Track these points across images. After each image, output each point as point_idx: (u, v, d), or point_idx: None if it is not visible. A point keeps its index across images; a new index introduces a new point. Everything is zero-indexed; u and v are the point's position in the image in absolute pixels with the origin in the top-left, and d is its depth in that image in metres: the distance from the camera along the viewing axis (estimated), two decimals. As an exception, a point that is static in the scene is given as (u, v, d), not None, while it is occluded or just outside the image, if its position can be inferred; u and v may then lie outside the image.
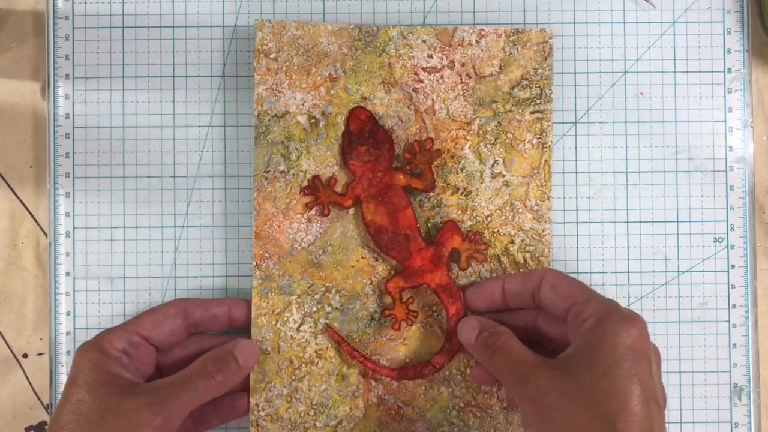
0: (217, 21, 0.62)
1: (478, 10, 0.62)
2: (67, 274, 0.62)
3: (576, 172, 0.62)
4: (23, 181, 0.63)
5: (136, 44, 0.62)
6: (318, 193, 0.59)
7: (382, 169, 0.58)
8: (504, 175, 0.60)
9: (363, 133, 0.59)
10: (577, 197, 0.62)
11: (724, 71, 0.62)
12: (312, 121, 0.59)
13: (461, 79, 0.60)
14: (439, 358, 0.59)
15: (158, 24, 0.62)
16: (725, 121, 0.62)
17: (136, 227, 0.62)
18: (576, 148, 0.62)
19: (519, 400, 0.51)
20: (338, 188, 0.59)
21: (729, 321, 0.62)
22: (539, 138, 0.59)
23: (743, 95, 0.62)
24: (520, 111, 0.59)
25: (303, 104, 0.59)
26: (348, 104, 0.59)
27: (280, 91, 0.59)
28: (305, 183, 0.59)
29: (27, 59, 0.63)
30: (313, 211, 0.59)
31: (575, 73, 0.62)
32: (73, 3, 0.62)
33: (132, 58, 0.62)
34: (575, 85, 0.62)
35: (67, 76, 0.62)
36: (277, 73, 0.59)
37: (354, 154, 0.58)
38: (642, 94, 0.62)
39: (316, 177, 0.59)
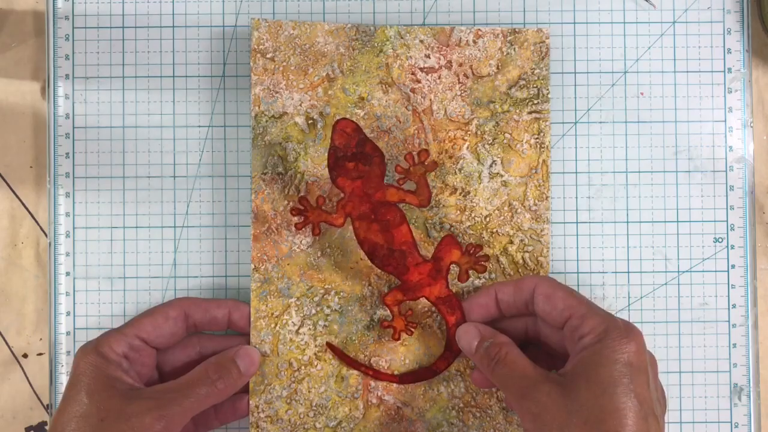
0: (217, 21, 0.62)
1: (478, 10, 0.62)
2: (67, 274, 0.62)
3: (576, 172, 0.62)
4: (23, 181, 0.63)
5: (136, 44, 0.62)
6: (306, 214, 0.57)
7: (373, 186, 0.56)
8: (502, 176, 0.60)
9: (350, 147, 0.56)
10: (577, 197, 0.62)
11: (724, 71, 0.62)
12: (310, 122, 0.59)
13: (459, 80, 0.59)
14: (440, 364, 0.59)
15: (158, 24, 0.62)
16: (725, 121, 0.62)
17: (136, 227, 0.62)
18: (576, 148, 0.62)
19: (519, 412, 0.52)
20: (328, 205, 0.59)
21: (729, 321, 0.62)
22: (537, 138, 0.59)
23: (743, 95, 0.62)
24: (517, 111, 0.59)
25: (300, 105, 0.59)
26: (346, 105, 0.59)
27: (277, 92, 0.59)
28: (301, 192, 0.59)
29: (27, 59, 0.63)
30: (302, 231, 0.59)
31: (575, 73, 0.62)
32: (73, 3, 0.62)
33: (132, 58, 0.62)
34: (575, 85, 0.62)
35: (67, 76, 0.62)
36: (274, 74, 0.59)
37: (341, 171, 0.56)
38: (642, 94, 0.62)
39: (302, 198, 0.57)
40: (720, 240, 0.62)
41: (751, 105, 0.62)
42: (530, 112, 0.59)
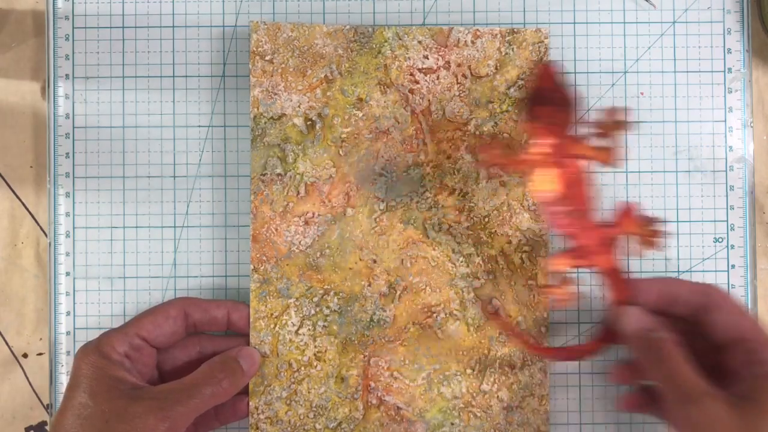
0: (217, 21, 0.62)
1: (478, 10, 0.62)
2: (67, 274, 0.62)
3: (576, 172, 0.62)
4: (23, 181, 0.63)
5: (136, 44, 0.62)
6: (504, 153, 0.55)
7: (563, 135, 0.54)
8: (501, 176, 0.59)
9: (550, 91, 0.54)
10: (577, 197, 0.62)
11: (724, 71, 0.62)
12: (308, 123, 0.59)
13: (457, 80, 0.59)
14: (594, 344, 0.56)
15: (158, 24, 0.62)
16: (725, 121, 0.62)
17: (136, 227, 0.62)
18: (576, 148, 0.62)
19: (677, 416, 0.51)
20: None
21: (729, 321, 0.62)
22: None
23: (743, 95, 0.62)
24: (516, 111, 0.59)
25: (299, 106, 0.59)
26: (344, 106, 0.59)
27: (276, 93, 0.59)
28: (300, 194, 0.59)
29: (27, 59, 0.63)
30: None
31: (575, 73, 0.62)
32: (73, 3, 0.62)
33: (132, 58, 0.62)
34: (575, 85, 0.62)
35: (67, 76, 0.62)
36: (272, 75, 0.59)
37: (539, 113, 0.54)
38: (642, 94, 0.62)
39: (495, 136, 0.58)
40: (720, 240, 0.62)
41: (751, 105, 0.62)
42: (529, 113, 0.59)
